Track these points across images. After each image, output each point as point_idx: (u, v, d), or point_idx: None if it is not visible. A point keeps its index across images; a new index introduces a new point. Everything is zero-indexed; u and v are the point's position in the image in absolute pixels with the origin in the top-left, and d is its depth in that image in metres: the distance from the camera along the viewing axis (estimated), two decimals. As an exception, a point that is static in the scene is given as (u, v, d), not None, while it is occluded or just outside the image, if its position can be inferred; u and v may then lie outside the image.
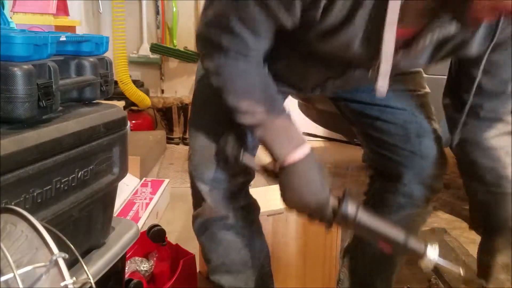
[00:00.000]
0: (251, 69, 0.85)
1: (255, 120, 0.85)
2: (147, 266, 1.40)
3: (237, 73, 0.85)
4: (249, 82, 0.85)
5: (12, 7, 1.95)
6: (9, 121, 0.69)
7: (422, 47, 0.81)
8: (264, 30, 0.81)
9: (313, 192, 0.85)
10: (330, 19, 0.76)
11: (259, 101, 0.85)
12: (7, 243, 0.50)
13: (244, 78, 0.85)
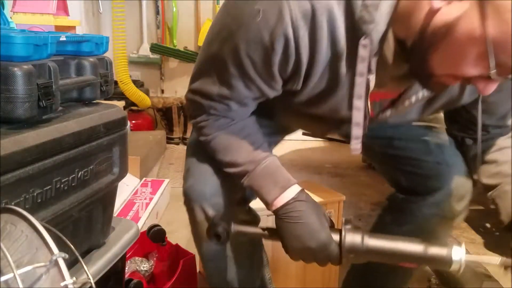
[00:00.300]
0: (232, 126, 0.89)
1: (239, 171, 0.88)
2: (147, 266, 1.40)
3: (218, 131, 0.89)
4: (230, 139, 0.89)
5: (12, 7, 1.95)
6: (9, 121, 0.69)
7: (408, 106, 0.86)
8: (250, 101, 0.87)
9: (311, 232, 0.82)
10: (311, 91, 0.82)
11: (240, 155, 0.88)
12: (7, 243, 0.50)
13: (225, 135, 0.89)
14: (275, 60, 0.77)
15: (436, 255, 0.78)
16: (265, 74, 0.80)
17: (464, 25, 0.66)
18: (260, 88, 0.83)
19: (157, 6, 3.56)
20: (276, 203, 0.85)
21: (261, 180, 0.86)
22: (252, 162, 0.87)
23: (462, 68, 0.69)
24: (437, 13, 0.68)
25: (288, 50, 0.76)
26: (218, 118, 0.90)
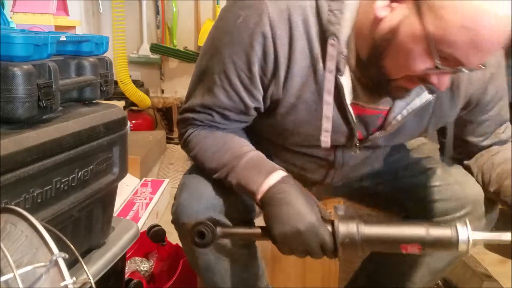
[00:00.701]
0: (215, 133, 0.92)
1: (226, 172, 0.87)
2: (147, 266, 1.40)
3: (202, 140, 0.91)
4: (214, 145, 0.90)
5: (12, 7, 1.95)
6: (9, 121, 0.69)
7: (396, 125, 0.90)
8: (232, 114, 0.89)
9: (298, 213, 0.77)
10: (291, 97, 0.85)
11: (225, 156, 0.88)
12: (7, 243, 0.50)
13: (209, 142, 0.91)
14: (255, 60, 0.81)
15: (440, 236, 0.73)
16: (246, 79, 0.83)
17: (406, 27, 0.73)
18: (241, 97, 0.86)
19: (157, 6, 3.56)
20: (262, 190, 0.82)
21: (246, 171, 0.85)
22: (236, 157, 0.87)
23: (412, 66, 0.75)
24: (382, 21, 0.75)
25: (267, 48, 0.80)
26: (203, 128, 0.93)
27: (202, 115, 0.91)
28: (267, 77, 0.84)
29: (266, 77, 0.84)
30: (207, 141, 0.91)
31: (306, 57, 0.82)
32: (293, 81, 0.83)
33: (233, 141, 0.91)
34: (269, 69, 0.83)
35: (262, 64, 0.82)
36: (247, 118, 0.92)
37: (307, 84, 0.84)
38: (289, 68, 0.82)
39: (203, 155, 0.91)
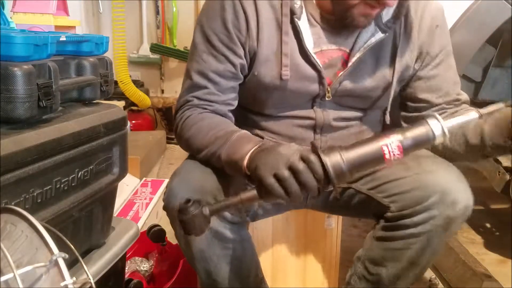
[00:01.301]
0: (206, 113, 1.00)
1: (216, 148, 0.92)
2: (147, 266, 1.40)
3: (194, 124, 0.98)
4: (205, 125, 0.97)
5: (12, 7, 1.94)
6: (9, 121, 0.69)
7: (358, 63, 0.99)
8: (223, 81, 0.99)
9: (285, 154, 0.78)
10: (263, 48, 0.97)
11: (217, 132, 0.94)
12: (7, 243, 0.50)
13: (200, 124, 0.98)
14: (228, 19, 0.96)
15: (417, 135, 0.77)
16: (225, 38, 0.97)
17: None
18: (226, 56, 0.98)
19: (157, 6, 3.56)
20: (248, 155, 0.85)
21: (237, 143, 0.89)
22: (229, 132, 0.93)
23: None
24: None
25: (236, 7, 0.96)
26: (199, 111, 1.00)
27: (198, 91, 1.01)
28: (242, 33, 0.97)
29: (241, 34, 0.97)
30: (203, 122, 0.98)
31: (268, 10, 0.97)
32: (263, 33, 0.97)
33: (226, 122, 1.00)
34: (242, 26, 0.97)
35: (235, 23, 0.97)
36: (236, 83, 1.02)
37: (273, 35, 0.98)
38: (258, 22, 0.97)
39: (198, 134, 0.97)
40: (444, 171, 0.97)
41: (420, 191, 0.94)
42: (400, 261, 1.00)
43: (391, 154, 0.77)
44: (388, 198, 1.00)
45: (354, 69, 1.01)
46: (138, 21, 3.58)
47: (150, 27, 3.61)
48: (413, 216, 0.95)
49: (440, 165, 0.99)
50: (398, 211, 0.97)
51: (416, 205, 0.94)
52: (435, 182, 0.94)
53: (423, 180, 0.95)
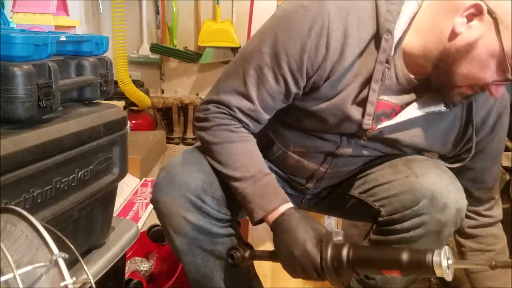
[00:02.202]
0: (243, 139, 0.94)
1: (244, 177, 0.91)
2: (147, 266, 1.40)
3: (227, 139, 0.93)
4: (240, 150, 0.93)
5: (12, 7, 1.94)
6: (9, 121, 0.69)
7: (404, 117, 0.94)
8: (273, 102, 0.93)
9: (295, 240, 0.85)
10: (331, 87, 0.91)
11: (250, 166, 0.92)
12: (7, 243, 0.50)
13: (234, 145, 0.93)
14: (307, 48, 0.86)
15: (417, 263, 0.75)
16: (296, 67, 0.88)
17: (484, 42, 0.83)
18: (287, 82, 0.90)
19: (157, 6, 3.56)
20: (273, 214, 0.90)
21: (264, 190, 0.91)
22: (259, 171, 0.92)
23: (483, 76, 0.86)
24: (459, 36, 0.85)
25: (321, 39, 0.86)
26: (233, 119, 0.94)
27: (244, 102, 0.92)
28: (313, 68, 0.89)
29: (312, 69, 0.89)
30: (236, 146, 0.93)
31: (354, 55, 0.89)
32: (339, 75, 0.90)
33: (257, 155, 0.95)
34: (318, 61, 0.88)
35: (312, 54, 0.87)
36: (281, 106, 0.96)
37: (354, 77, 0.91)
38: (336, 63, 0.89)
39: (226, 156, 0.93)
40: (434, 174, 0.95)
41: (409, 195, 0.93)
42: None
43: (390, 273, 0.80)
44: (378, 202, 1.00)
45: (399, 123, 0.96)
46: (138, 21, 3.58)
47: (150, 27, 3.61)
48: (404, 222, 0.94)
49: (431, 168, 0.97)
50: (388, 216, 0.97)
51: (405, 209, 0.94)
52: (424, 186, 0.93)
53: (412, 184, 0.94)
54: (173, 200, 0.93)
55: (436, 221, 0.92)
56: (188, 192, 0.92)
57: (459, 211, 0.94)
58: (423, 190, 0.92)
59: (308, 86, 0.91)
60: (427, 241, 0.94)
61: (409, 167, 0.98)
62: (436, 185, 0.93)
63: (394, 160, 1.03)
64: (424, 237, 0.94)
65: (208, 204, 0.93)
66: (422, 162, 0.99)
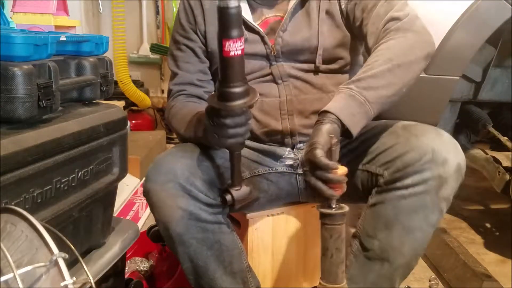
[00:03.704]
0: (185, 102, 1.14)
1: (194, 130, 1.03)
2: (147, 266, 1.40)
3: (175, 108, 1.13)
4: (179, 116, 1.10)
5: (12, 7, 1.94)
6: (9, 121, 0.69)
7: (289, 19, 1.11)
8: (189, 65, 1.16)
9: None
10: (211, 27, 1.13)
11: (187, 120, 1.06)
12: (7, 243, 0.50)
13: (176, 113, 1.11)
14: (181, 16, 1.17)
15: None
16: (182, 31, 1.16)
17: None
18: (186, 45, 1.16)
19: (157, 6, 3.56)
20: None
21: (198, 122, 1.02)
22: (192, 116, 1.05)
23: None
24: None
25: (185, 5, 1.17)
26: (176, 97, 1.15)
27: (174, 79, 1.17)
28: (191, 22, 1.16)
29: (191, 23, 1.16)
30: (181, 111, 1.11)
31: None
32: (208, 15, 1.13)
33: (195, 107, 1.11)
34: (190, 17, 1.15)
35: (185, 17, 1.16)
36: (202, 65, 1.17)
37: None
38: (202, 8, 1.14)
39: (178, 124, 1.10)
40: (433, 133, 0.98)
41: (411, 153, 0.95)
42: (392, 229, 0.98)
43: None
44: (382, 166, 1.01)
45: (289, 25, 1.13)
46: (138, 21, 3.58)
47: (150, 27, 3.61)
48: (404, 179, 0.95)
49: (430, 129, 1.00)
50: (390, 176, 0.98)
51: (408, 166, 0.95)
52: (425, 143, 0.95)
53: (413, 143, 0.96)
54: (161, 187, 0.94)
55: (437, 175, 0.93)
56: (175, 177, 0.94)
57: (459, 167, 0.95)
58: (424, 146, 0.94)
59: (201, 35, 1.15)
60: (426, 200, 0.95)
61: (408, 130, 1.00)
62: (437, 141, 0.95)
63: (393, 127, 1.05)
64: (423, 195, 0.95)
65: (196, 187, 0.95)
66: (421, 125, 1.02)
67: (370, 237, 1.02)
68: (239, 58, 0.84)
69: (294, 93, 1.14)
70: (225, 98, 0.86)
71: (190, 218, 0.95)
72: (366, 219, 1.04)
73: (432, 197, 0.95)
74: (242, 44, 0.83)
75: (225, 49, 0.82)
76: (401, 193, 0.96)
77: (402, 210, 0.97)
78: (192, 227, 0.96)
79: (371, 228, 1.02)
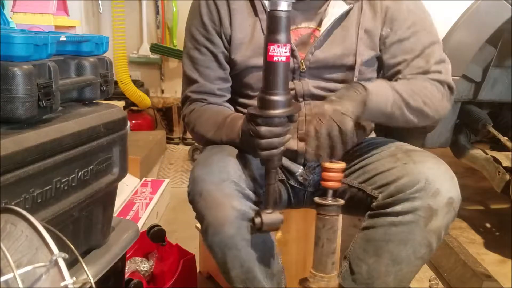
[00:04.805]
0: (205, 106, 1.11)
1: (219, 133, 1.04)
2: (147, 266, 1.40)
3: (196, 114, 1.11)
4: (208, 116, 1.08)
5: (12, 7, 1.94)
6: (9, 121, 0.69)
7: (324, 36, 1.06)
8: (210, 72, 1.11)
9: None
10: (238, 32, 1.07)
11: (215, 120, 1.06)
12: (7, 243, 0.50)
13: (204, 116, 1.09)
14: (203, 12, 1.08)
15: None
16: (204, 31, 1.09)
17: None
18: (208, 48, 1.09)
19: (157, 6, 3.56)
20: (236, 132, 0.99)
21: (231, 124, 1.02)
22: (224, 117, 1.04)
23: None
24: None
25: (209, 1, 1.08)
26: (196, 103, 1.12)
27: (192, 85, 1.12)
28: (215, 24, 1.08)
29: (215, 24, 1.08)
30: (205, 113, 1.10)
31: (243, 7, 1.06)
32: (235, 19, 1.06)
33: (223, 110, 1.10)
34: (215, 16, 1.07)
35: (209, 15, 1.08)
36: (223, 72, 1.11)
37: (245, 18, 1.06)
38: (229, 10, 1.06)
39: (202, 125, 1.09)
40: (432, 162, 0.97)
41: (405, 178, 0.94)
42: (381, 256, 0.98)
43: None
44: (377, 189, 1.00)
45: (323, 41, 1.08)
46: (138, 21, 3.58)
47: (150, 27, 3.61)
48: (395, 205, 0.94)
49: (429, 157, 0.99)
50: (382, 200, 0.97)
51: (400, 192, 0.94)
52: (421, 170, 0.94)
53: (409, 169, 0.95)
54: (217, 186, 0.91)
55: (427, 206, 0.92)
56: (229, 176, 0.92)
57: (451, 200, 0.93)
58: (418, 174, 0.93)
59: (225, 40, 1.08)
60: (414, 231, 0.94)
61: (408, 155, 1.00)
62: (433, 171, 0.94)
63: (395, 148, 1.05)
64: (412, 225, 0.93)
65: (248, 185, 0.94)
66: (422, 152, 1.01)
67: (360, 260, 1.02)
68: (283, 64, 0.81)
69: (314, 111, 1.06)
70: (264, 106, 0.83)
71: (242, 219, 0.92)
72: (357, 241, 1.04)
73: (421, 228, 0.94)
74: (287, 51, 0.80)
75: (269, 53, 0.79)
76: (391, 219, 0.95)
77: (392, 238, 0.96)
78: (243, 228, 0.93)
79: (361, 251, 1.02)
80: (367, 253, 1.00)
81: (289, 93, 0.85)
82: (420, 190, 0.92)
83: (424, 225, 0.93)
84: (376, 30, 1.09)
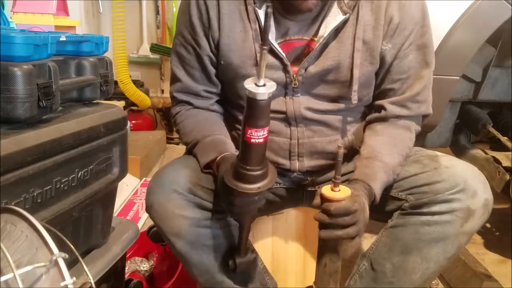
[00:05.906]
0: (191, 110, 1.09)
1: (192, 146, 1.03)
2: (147, 266, 1.40)
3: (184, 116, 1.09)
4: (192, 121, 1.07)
5: (12, 7, 1.94)
6: (9, 121, 0.69)
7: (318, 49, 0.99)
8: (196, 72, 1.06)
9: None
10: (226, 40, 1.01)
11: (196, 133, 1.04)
12: (7, 243, 0.50)
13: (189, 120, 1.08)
14: (193, 13, 1.02)
15: None
16: (192, 30, 1.03)
17: None
18: (194, 48, 1.04)
19: (157, 6, 3.56)
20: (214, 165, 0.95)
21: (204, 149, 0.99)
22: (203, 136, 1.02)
23: None
24: None
25: (199, 1, 1.02)
26: (183, 106, 1.10)
27: (177, 83, 1.09)
28: (204, 25, 1.02)
29: (204, 26, 1.02)
30: (188, 120, 1.08)
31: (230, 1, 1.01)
32: (224, 24, 1.01)
33: (206, 121, 1.07)
34: (204, 18, 1.02)
35: (198, 15, 1.02)
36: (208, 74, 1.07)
37: (235, 25, 1.01)
38: (219, 13, 1.01)
39: (184, 133, 1.08)
40: (462, 165, 0.98)
41: (441, 183, 0.95)
42: (409, 254, 0.97)
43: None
44: (405, 191, 1.00)
45: (318, 54, 1.00)
46: (138, 21, 3.58)
47: (150, 27, 3.61)
48: (432, 206, 0.94)
49: (457, 161, 1.01)
50: (416, 200, 0.97)
51: (437, 194, 0.94)
52: (457, 174, 0.95)
53: (443, 173, 0.96)
54: (166, 198, 0.93)
55: (466, 207, 0.93)
56: (178, 187, 0.93)
57: (487, 201, 0.95)
58: (454, 177, 0.94)
59: (213, 43, 1.03)
60: (449, 230, 0.94)
61: (435, 160, 1.00)
62: (467, 173, 0.96)
63: (416, 155, 1.05)
64: (448, 225, 0.94)
65: (200, 196, 0.94)
66: (447, 156, 1.03)
67: (384, 259, 1.02)
68: (260, 145, 0.79)
69: (307, 135, 1.06)
70: (239, 178, 0.82)
71: (199, 226, 0.94)
72: (381, 240, 1.03)
73: (456, 229, 0.94)
74: (265, 133, 0.78)
75: (247, 135, 0.78)
76: (426, 219, 0.95)
77: (423, 236, 0.96)
78: (203, 235, 0.95)
79: (386, 250, 1.02)
80: (393, 252, 1.00)
81: (265, 165, 0.82)
82: (459, 192, 0.93)
83: (460, 226, 0.94)
84: (377, 42, 1.00)
